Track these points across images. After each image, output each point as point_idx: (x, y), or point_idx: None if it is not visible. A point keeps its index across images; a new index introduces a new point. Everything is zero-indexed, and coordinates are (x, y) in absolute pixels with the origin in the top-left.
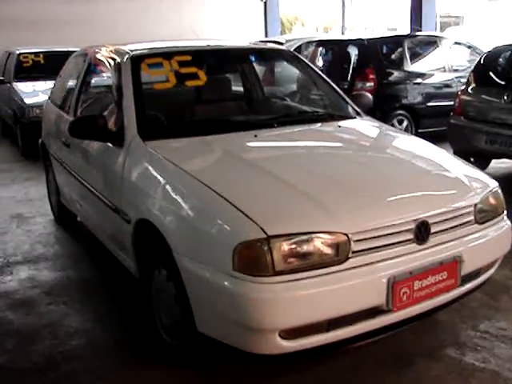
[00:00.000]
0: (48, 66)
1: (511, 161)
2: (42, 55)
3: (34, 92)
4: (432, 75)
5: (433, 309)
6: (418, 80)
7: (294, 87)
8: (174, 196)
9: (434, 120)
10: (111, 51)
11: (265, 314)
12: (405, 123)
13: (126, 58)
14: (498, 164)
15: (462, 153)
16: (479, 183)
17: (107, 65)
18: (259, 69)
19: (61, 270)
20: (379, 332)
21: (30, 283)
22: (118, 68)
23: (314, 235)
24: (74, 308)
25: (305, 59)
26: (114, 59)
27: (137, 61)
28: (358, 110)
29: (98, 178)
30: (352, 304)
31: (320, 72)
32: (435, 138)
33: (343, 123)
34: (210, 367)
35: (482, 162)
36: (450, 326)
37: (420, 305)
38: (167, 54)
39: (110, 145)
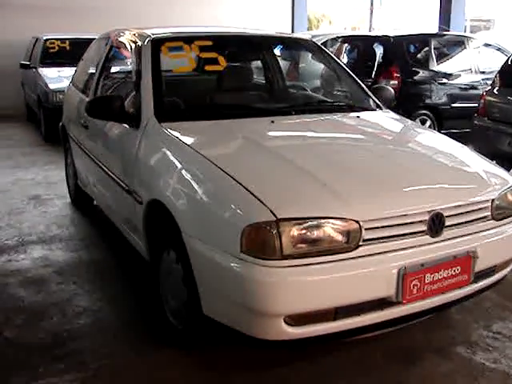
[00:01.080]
0: (73, 52)
1: None
2: (67, 41)
3: (59, 78)
4: (458, 76)
5: (444, 304)
6: (444, 80)
7: (315, 77)
8: (186, 177)
9: (457, 121)
10: (133, 34)
11: (270, 298)
12: (428, 123)
13: (146, 41)
14: None
15: (485, 155)
16: (498, 179)
17: (128, 48)
18: (280, 57)
19: (74, 251)
20: (388, 324)
21: (42, 262)
22: (138, 50)
23: (324, 221)
24: (84, 288)
25: (327, 50)
26: (135, 42)
27: (157, 44)
28: (379, 102)
29: (113, 159)
30: (360, 293)
31: (342, 64)
32: (458, 140)
33: (362, 114)
34: (215, 352)
35: (504, 165)
36: (462, 325)
37: (430, 299)
38: (188, 39)
39: (126, 126)
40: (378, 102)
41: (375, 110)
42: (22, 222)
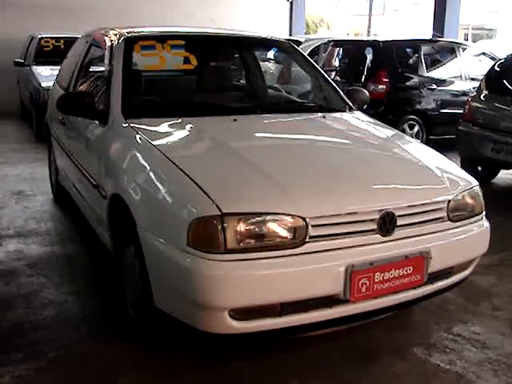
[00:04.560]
0: (68, 51)
1: None
2: (62, 40)
3: (52, 76)
4: (447, 82)
5: (396, 305)
6: (433, 86)
7: (290, 78)
8: (140, 170)
9: (446, 127)
10: (112, 33)
11: (214, 291)
12: (416, 129)
13: (120, 40)
14: (506, 175)
15: (469, 160)
16: (456, 181)
17: (104, 46)
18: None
19: (48, 246)
20: (337, 323)
21: (16, 256)
22: (111, 48)
23: (270, 216)
24: (53, 281)
25: (302, 52)
26: (111, 40)
27: (130, 42)
28: (351, 104)
29: (84, 154)
30: (306, 290)
31: (316, 65)
32: (447, 146)
33: (329, 115)
34: (171, 345)
35: (489, 172)
36: (423, 327)
37: (381, 299)
38: (161, 38)
39: (96, 122)
40: (349, 103)
41: (344, 111)
42: (2, 217)
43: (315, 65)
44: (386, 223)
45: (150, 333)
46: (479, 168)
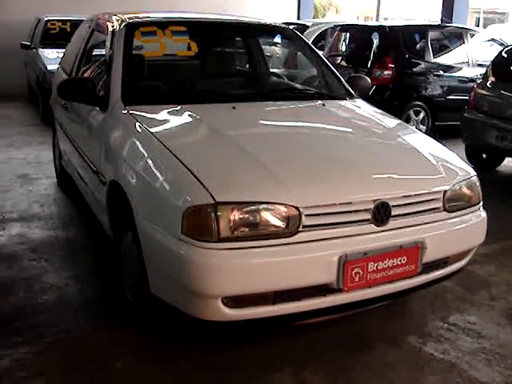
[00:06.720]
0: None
1: None
2: (69, 23)
3: (58, 59)
4: (455, 68)
5: (390, 294)
6: (440, 72)
7: (294, 63)
8: (138, 158)
9: (452, 114)
10: (114, 19)
11: (207, 279)
12: (421, 115)
13: (122, 25)
14: (511, 163)
15: (474, 148)
16: (454, 170)
17: (106, 31)
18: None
19: (51, 230)
20: (330, 311)
21: (18, 240)
22: (112, 34)
23: (263, 206)
24: (54, 266)
25: (304, 38)
26: (112, 26)
27: (131, 28)
28: (352, 91)
29: (85, 140)
30: (299, 278)
31: (318, 52)
32: (452, 133)
33: (329, 103)
34: (168, 332)
35: (494, 159)
36: (418, 315)
37: (375, 288)
38: (162, 24)
39: (96, 108)
40: (350, 90)
41: (345, 98)
42: (6, 200)
43: (317, 51)
44: (381, 213)
45: (147, 319)
46: (484, 155)
